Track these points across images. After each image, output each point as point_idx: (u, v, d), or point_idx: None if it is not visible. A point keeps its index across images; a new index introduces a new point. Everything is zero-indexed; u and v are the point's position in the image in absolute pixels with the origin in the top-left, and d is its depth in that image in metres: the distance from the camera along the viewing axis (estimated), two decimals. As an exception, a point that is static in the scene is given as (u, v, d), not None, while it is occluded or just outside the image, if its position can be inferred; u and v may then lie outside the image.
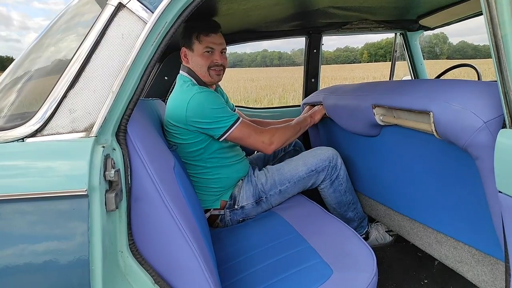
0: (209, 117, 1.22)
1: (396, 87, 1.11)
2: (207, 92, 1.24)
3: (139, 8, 0.69)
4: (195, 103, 1.21)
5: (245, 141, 1.28)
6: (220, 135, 1.24)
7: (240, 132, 1.26)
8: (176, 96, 1.29)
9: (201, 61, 1.32)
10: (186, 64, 1.35)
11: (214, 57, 1.33)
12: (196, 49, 1.31)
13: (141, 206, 0.72)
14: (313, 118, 1.52)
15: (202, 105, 1.21)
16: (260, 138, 1.29)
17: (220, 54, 1.34)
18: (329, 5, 1.57)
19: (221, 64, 1.35)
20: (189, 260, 0.74)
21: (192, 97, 1.21)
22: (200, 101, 1.21)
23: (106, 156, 0.66)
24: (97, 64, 0.69)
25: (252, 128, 1.29)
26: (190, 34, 1.31)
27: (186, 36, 1.32)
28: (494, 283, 0.91)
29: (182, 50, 1.35)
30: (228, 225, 1.35)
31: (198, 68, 1.33)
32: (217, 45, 1.33)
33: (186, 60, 1.35)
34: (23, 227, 0.62)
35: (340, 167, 1.37)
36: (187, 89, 1.26)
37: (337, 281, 0.86)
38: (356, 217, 1.46)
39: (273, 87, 16.26)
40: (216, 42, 1.32)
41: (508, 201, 0.63)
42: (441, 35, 68.15)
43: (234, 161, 1.39)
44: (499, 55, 0.62)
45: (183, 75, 1.35)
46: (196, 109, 1.21)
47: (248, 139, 1.28)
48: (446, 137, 0.84)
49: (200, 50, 1.31)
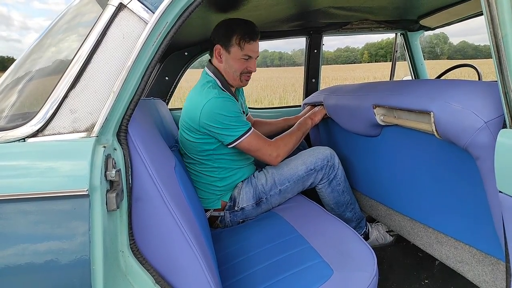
0: (221, 123, 1.22)
1: (396, 87, 1.11)
2: (224, 98, 1.23)
3: (140, 8, 0.70)
4: (210, 107, 1.20)
5: (253, 153, 1.30)
6: (229, 142, 1.25)
7: (249, 143, 1.26)
8: (195, 96, 1.28)
9: (236, 66, 1.31)
10: (219, 63, 1.33)
11: (250, 64, 1.33)
12: (234, 52, 1.30)
13: (142, 206, 0.72)
14: (314, 119, 1.52)
15: (217, 110, 1.21)
16: (267, 151, 1.30)
17: (254, 61, 1.34)
18: (329, 5, 1.57)
19: (252, 72, 1.36)
20: (190, 260, 0.74)
21: (209, 101, 1.21)
22: (216, 106, 1.21)
23: (107, 156, 0.66)
24: (98, 64, 0.69)
25: (261, 141, 1.29)
26: (230, 35, 1.28)
27: (226, 36, 1.29)
28: (494, 283, 0.91)
29: (216, 47, 1.31)
30: (228, 226, 1.35)
31: (231, 71, 1.32)
32: (255, 53, 1.33)
33: (219, 59, 1.32)
34: (24, 227, 0.62)
35: (337, 166, 1.37)
36: (207, 90, 1.25)
37: (338, 281, 0.86)
38: (354, 217, 1.46)
39: (273, 87, 16.26)
40: (255, 50, 1.32)
41: (509, 201, 0.63)
42: (441, 35, 68.14)
43: (242, 165, 1.39)
44: (499, 55, 0.62)
45: (208, 74, 1.33)
46: (209, 113, 1.21)
47: (256, 152, 1.29)
48: (447, 137, 0.84)
49: (238, 55, 1.30)
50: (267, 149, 1.29)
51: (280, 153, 1.32)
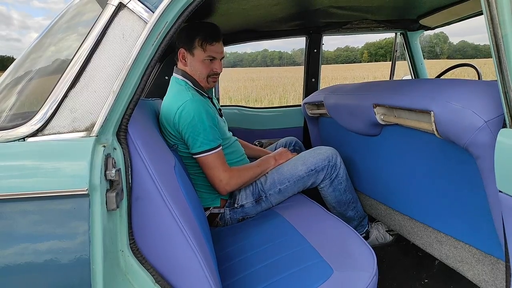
0: (191, 130, 1.19)
1: (396, 87, 1.11)
2: (199, 102, 1.22)
3: (140, 8, 0.70)
4: (184, 111, 1.19)
5: (206, 170, 1.26)
6: (195, 152, 1.23)
7: (207, 159, 1.23)
8: (170, 99, 1.27)
9: (201, 68, 1.31)
10: (184, 66, 1.34)
11: (214, 66, 1.33)
12: (197, 54, 1.30)
13: (141, 205, 0.72)
14: (278, 161, 1.42)
15: (192, 113, 1.19)
16: (219, 176, 1.25)
17: (219, 62, 1.35)
18: (329, 4, 1.57)
19: (219, 73, 1.36)
20: (190, 259, 0.74)
21: (184, 103, 1.20)
22: (191, 109, 1.19)
23: (107, 155, 0.66)
24: (97, 63, 0.69)
25: (220, 163, 1.25)
26: (192, 38, 1.29)
27: (188, 38, 1.30)
28: (494, 283, 0.91)
29: (180, 51, 1.32)
30: (228, 224, 1.35)
31: (196, 73, 1.33)
32: (218, 54, 1.33)
33: (184, 63, 1.33)
34: (24, 226, 0.62)
35: (339, 166, 1.37)
36: (181, 93, 1.25)
37: (338, 280, 0.86)
38: (356, 216, 1.46)
39: (273, 87, 16.24)
40: (218, 51, 1.32)
41: (509, 201, 0.64)
42: (441, 35, 68.07)
43: (234, 160, 1.39)
44: (499, 54, 0.62)
45: (178, 78, 1.33)
46: (183, 117, 1.19)
47: (209, 170, 1.25)
48: (447, 137, 0.85)
49: (201, 57, 1.30)
50: (220, 174, 1.25)
51: (231, 183, 1.26)
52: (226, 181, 1.25)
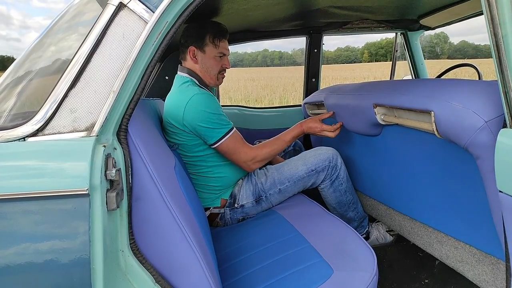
0: (205, 120, 1.21)
1: (397, 87, 1.11)
2: (206, 94, 1.24)
3: (140, 8, 0.70)
4: (194, 104, 1.20)
5: (230, 157, 1.29)
6: (212, 142, 1.25)
7: (230, 145, 1.26)
8: (175, 96, 1.28)
9: (212, 64, 1.34)
10: (194, 63, 1.34)
11: (224, 62, 1.37)
12: (209, 51, 1.32)
13: (142, 205, 0.72)
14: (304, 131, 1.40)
15: (201, 107, 1.21)
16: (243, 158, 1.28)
17: (228, 59, 1.39)
18: (329, 4, 1.57)
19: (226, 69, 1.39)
20: (190, 259, 0.74)
21: (192, 98, 1.21)
22: (199, 103, 1.21)
23: (107, 155, 0.66)
24: (98, 63, 0.69)
25: (240, 145, 1.28)
26: (203, 35, 1.31)
27: (198, 36, 1.31)
28: (494, 283, 0.91)
29: (190, 48, 1.32)
30: (228, 224, 1.35)
31: (207, 70, 1.34)
32: (227, 51, 1.37)
33: (194, 60, 1.33)
34: (24, 226, 0.62)
35: (340, 167, 1.37)
36: (187, 89, 1.26)
37: (338, 280, 0.86)
38: (357, 216, 1.46)
39: (273, 87, 16.23)
40: (227, 48, 1.37)
41: (509, 201, 0.63)
42: (441, 35, 68.03)
43: None
44: (499, 54, 0.62)
45: (183, 76, 1.34)
46: (193, 111, 1.20)
47: (232, 156, 1.28)
48: (447, 137, 0.85)
49: (213, 53, 1.33)
50: (243, 156, 1.28)
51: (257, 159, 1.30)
52: (251, 161, 1.30)
